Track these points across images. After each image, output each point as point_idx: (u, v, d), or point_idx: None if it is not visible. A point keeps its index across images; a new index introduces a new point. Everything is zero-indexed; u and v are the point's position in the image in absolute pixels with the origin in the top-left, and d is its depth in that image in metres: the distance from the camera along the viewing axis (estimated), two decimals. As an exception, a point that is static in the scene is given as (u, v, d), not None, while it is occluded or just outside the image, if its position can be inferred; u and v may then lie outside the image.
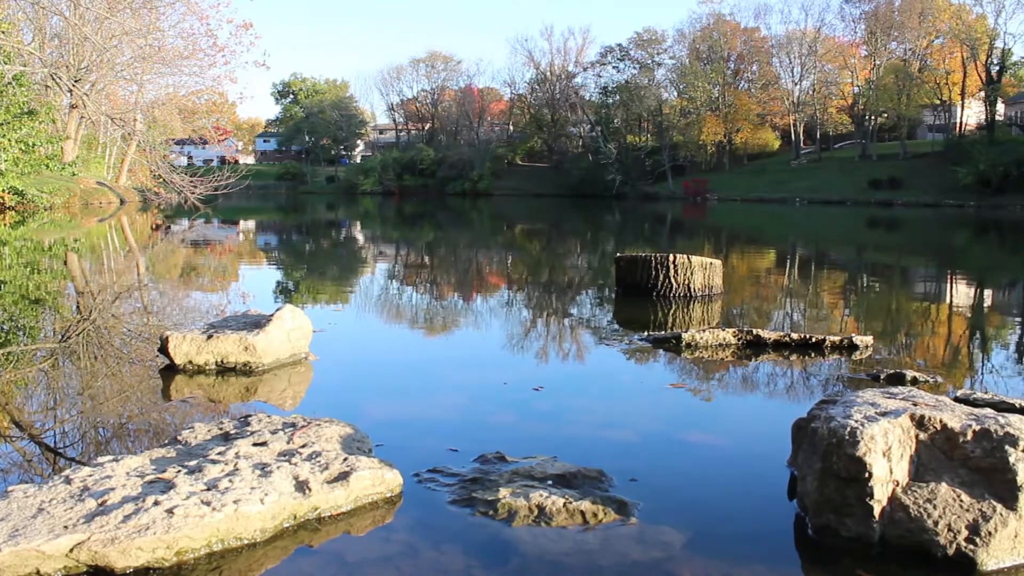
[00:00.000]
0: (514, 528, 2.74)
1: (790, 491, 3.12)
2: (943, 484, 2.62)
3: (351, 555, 2.57)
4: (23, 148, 25.33)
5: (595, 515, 2.81)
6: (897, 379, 4.79)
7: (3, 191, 25.58)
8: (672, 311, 7.49)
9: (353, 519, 2.83)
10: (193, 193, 29.34)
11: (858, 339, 5.74)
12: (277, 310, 5.22)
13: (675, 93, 68.02)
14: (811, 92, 61.77)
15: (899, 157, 54.83)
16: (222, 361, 4.89)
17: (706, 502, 3.03)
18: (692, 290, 8.12)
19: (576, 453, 3.43)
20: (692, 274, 8.10)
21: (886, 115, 59.55)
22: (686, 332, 5.89)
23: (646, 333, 6.25)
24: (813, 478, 2.76)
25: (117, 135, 37.60)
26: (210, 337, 4.90)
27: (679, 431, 3.95)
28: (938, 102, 57.36)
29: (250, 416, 3.55)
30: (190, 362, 4.88)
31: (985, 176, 44.20)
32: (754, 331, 5.90)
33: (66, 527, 2.44)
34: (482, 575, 2.45)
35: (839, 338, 5.76)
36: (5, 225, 20.11)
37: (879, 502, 2.60)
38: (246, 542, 2.60)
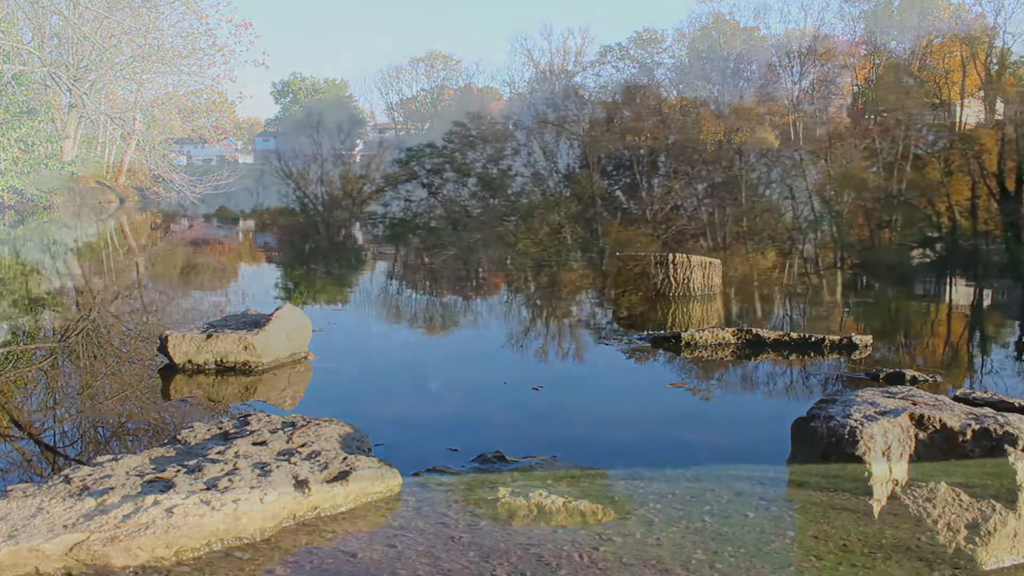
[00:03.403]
0: (514, 528, 2.74)
1: (790, 490, 3.11)
2: (943, 483, 2.62)
3: (351, 554, 2.57)
4: (22, 147, 25.35)
5: (595, 514, 2.81)
6: (896, 378, 4.79)
7: (2, 190, 25.57)
8: (672, 310, 7.49)
9: (353, 518, 2.83)
10: (193, 193, 29.31)
11: (857, 339, 5.74)
12: (276, 309, 5.22)
13: (675, 92, 68.08)
14: (811, 91, 61.79)
15: (899, 156, 54.91)
16: (221, 360, 4.89)
17: (706, 502, 3.03)
18: (692, 289, 8.12)
19: (576, 453, 3.43)
20: (692, 273, 8.10)
21: (886, 114, 59.60)
22: (686, 331, 5.89)
23: (646, 333, 6.25)
24: (813, 477, 2.76)
25: (116, 134, 37.57)
26: (209, 336, 4.90)
27: (679, 431, 3.95)
28: (937, 101, 57.40)
29: (249, 415, 3.55)
30: (189, 361, 4.88)
31: (984, 175, 44.27)
32: (753, 330, 5.90)
33: (65, 526, 2.44)
34: (482, 575, 2.45)
35: (838, 337, 5.76)
36: (5, 225, 20.10)
37: (878, 501, 2.60)
38: (246, 541, 2.60)
